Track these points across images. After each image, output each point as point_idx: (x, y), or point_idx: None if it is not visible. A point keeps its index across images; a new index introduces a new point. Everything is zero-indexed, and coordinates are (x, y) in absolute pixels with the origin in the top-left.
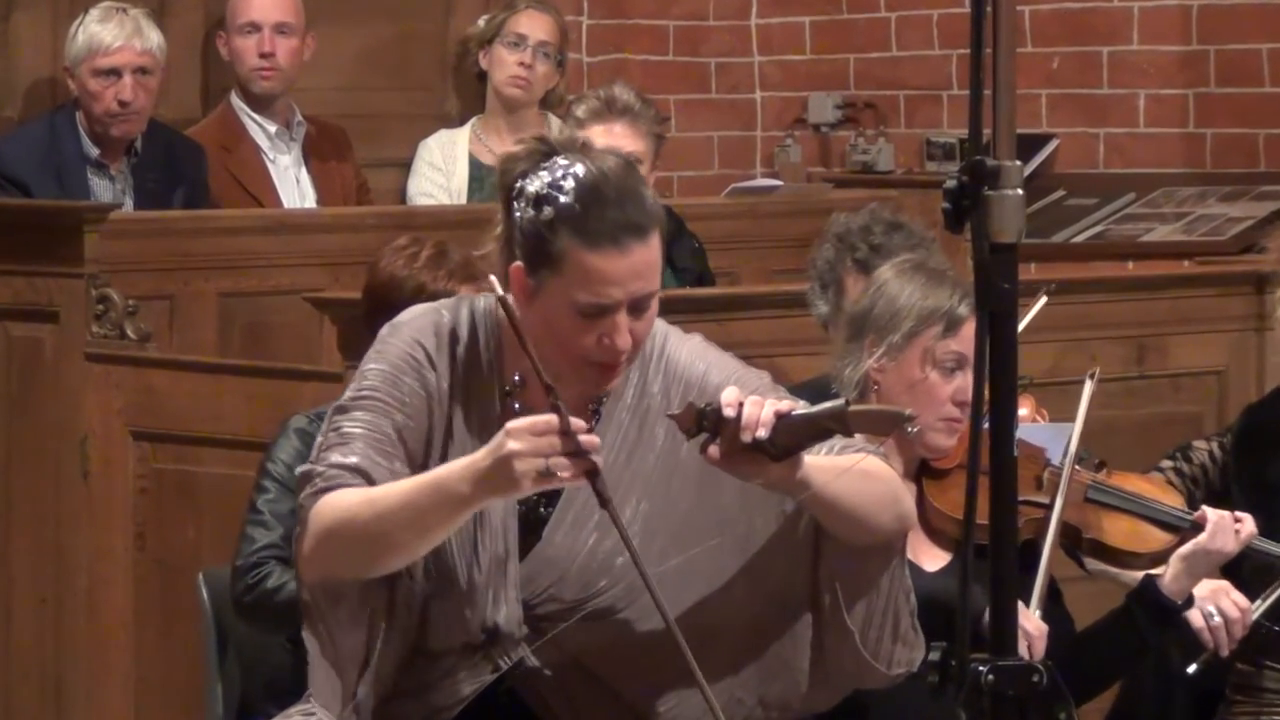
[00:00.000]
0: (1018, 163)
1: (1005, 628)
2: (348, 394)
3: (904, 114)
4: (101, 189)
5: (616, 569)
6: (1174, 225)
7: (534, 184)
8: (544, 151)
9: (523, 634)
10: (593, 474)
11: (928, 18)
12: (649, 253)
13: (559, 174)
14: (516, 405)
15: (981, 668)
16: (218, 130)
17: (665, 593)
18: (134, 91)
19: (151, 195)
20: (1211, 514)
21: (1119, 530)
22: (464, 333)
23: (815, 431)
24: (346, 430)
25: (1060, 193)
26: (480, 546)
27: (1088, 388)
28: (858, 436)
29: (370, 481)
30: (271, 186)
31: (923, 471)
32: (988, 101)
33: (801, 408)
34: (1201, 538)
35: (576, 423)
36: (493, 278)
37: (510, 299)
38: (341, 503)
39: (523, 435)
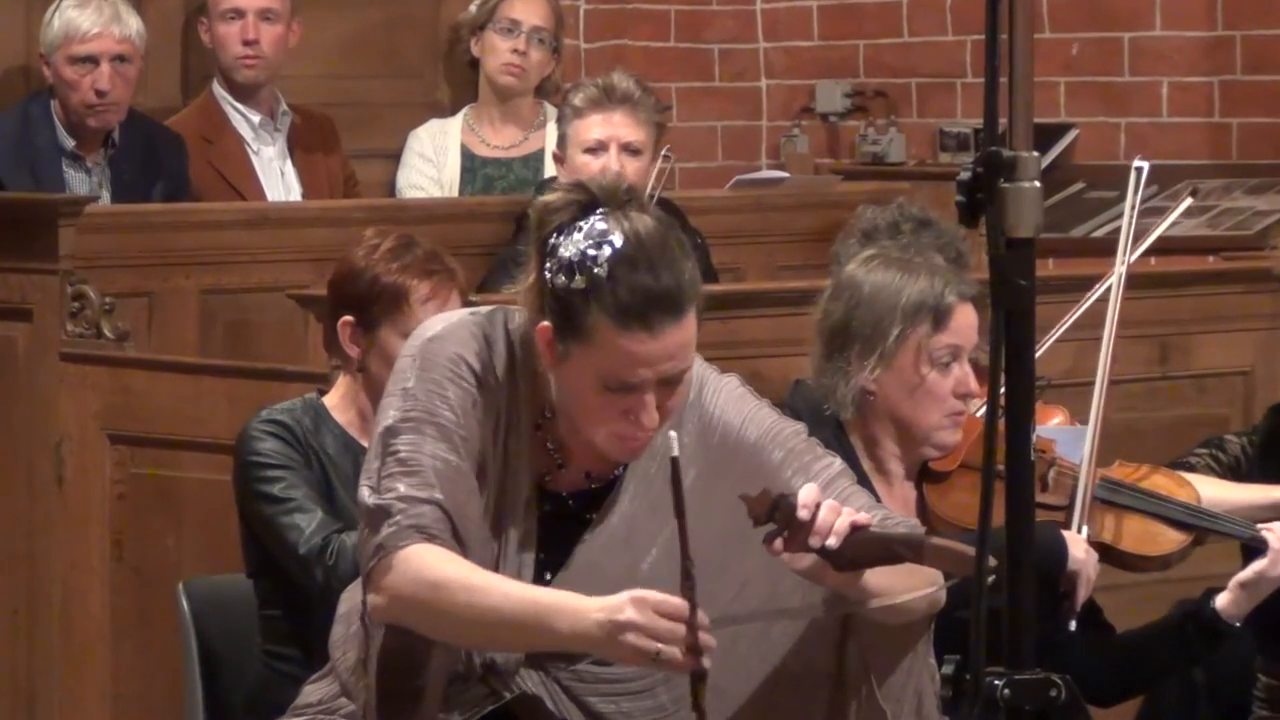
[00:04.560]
0: (1035, 154)
1: (1021, 641)
2: (392, 414)
3: (916, 103)
4: (77, 181)
5: None
6: (1198, 219)
7: (568, 249)
8: (583, 204)
9: (515, 672)
10: (699, 677)
11: (941, 2)
12: (682, 333)
13: (595, 240)
14: (549, 444)
15: (997, 681)
16: (199, 120)
17: None
18: (112, 80)
19: (129, 188)
20: (1274, 540)
21: (1130, 532)
22: (501, 350)
23: (886, 553)
24: (406, 456)
25: (1080, 185)
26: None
27: (1133, 179)
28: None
29: (451, 522)
30: (255, 179)
31: (922, 475)
32: (1004, 90)
33: (878, 522)
34: (1263, 565)
35: (702, 618)
36: (672, 434)
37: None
38: (437, 569)
39: (647, 611)
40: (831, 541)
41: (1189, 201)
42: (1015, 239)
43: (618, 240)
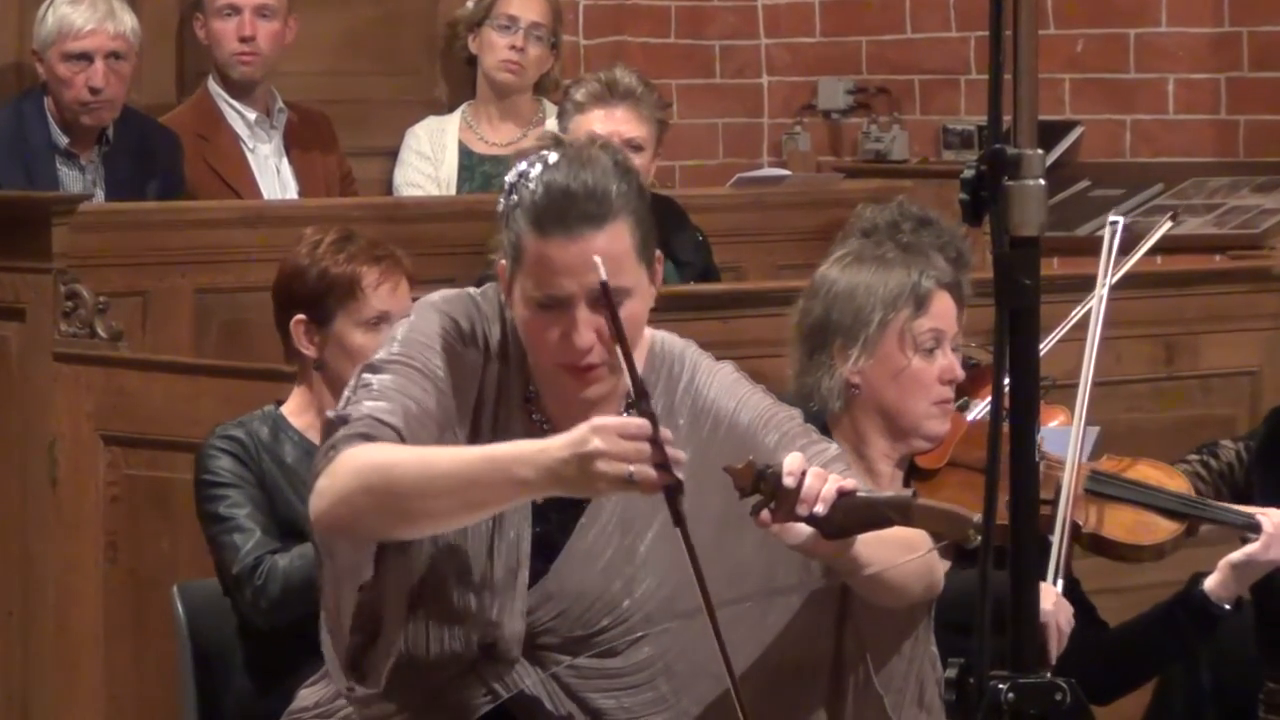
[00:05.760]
0: (1039, 151)
1: (1026, 643)
2: (378, 355)
3: (919, 100)
4: (71, 179)
5: (620, 610)
6: (1205, 218)
7: (511, 174)
8: (550, 149)
9: (515, 657)
10: (674, 490)
11: None
12: (604, 240)
13: (532, 162)
14: (534, 415)
15: (1001, 685)
16: (194, 118)
17: (672, 644)
18: (106, 77)
19: (124, 186)
20: (1268, 524)
21: (1121, 522)
22: (495, 324)
23: (874, 517)
24: (379, 388)
25: (1085, 183)
26: (495, 554)
27: (1108, 233)
28: (879, 484)
29: (405, 443)
30: (251, 177)
31: (910, 474)
32: (1008, 86)
33: (864, 488)
34: (1255, 548)
35: (665, 433)
36: (597, 259)
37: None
38: (384, 451)
39: (610, 435)
40: (819, 508)
41: (1167, 225)
42: (1019, 237)
43: (552, 159)
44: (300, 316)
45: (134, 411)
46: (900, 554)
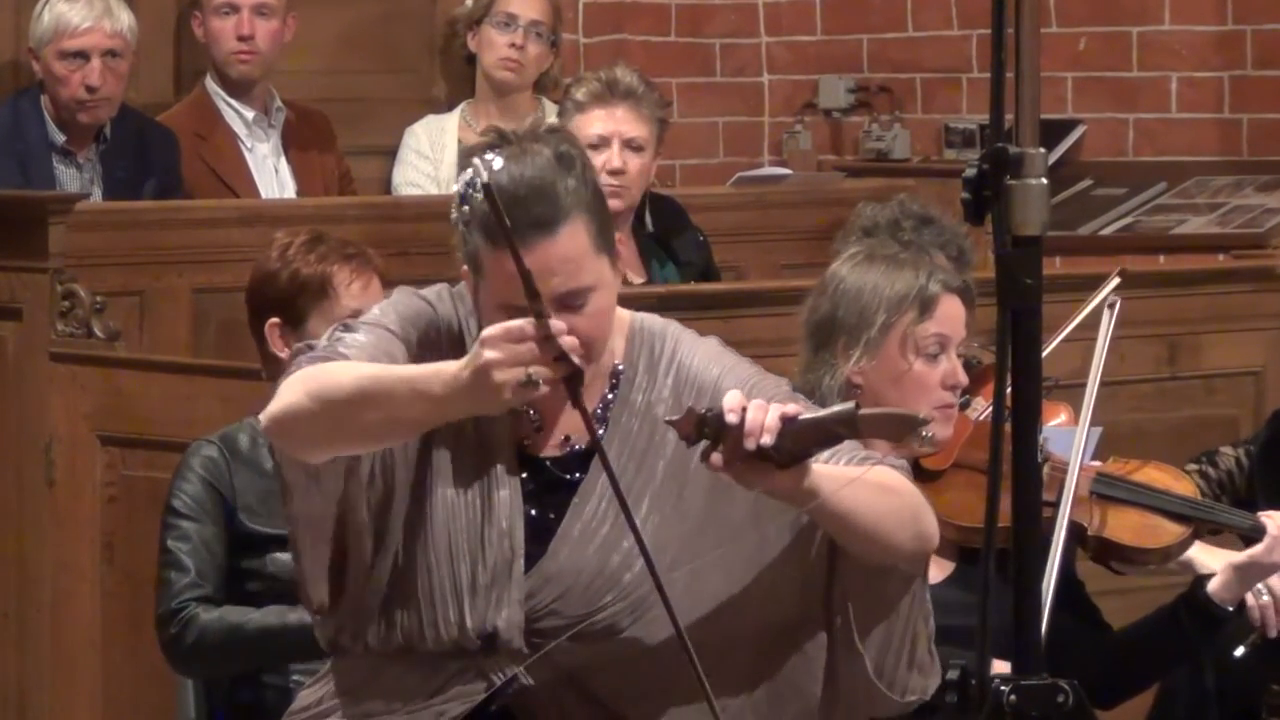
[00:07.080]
0: (1042, 150)
1: (1029, 644)
2: (353, 321)
3: (921, 98)
4: (68, 178)
5: (622, 585)
6: (1208, 217)
7: (458, 182)
8: (495, 145)
9: (519, 647)
10: (575, 380)
11: None
12: (560, 247)
13: (478, 169)
14: (531, 411)
15: (1003, 687)
16: (192, 116)
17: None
18: (103, 76)
19: (121, 185)
20: (1273, 526)
21: (1127, 525)
22: (472, 319)
23: (823, 436)
24: (350, 341)
25: (1087, 182)
26: (487, 544)
27: (1106, 317)
28: (875, 449)
29: None
30: (248, 176)
31: (914, 475)
32: (1010, 85)
33: (809, 411)
34: (1258, 550)
35: (556, 325)
36: (476, 161)
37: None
38: (332, 364)
39: (499, 344)
40: (766, 439)
41: (1115, 282)
42: (1021, 237)
43: (496, 165)
44: (274, 320)
45: (131, 412)
46: (878, 496)
